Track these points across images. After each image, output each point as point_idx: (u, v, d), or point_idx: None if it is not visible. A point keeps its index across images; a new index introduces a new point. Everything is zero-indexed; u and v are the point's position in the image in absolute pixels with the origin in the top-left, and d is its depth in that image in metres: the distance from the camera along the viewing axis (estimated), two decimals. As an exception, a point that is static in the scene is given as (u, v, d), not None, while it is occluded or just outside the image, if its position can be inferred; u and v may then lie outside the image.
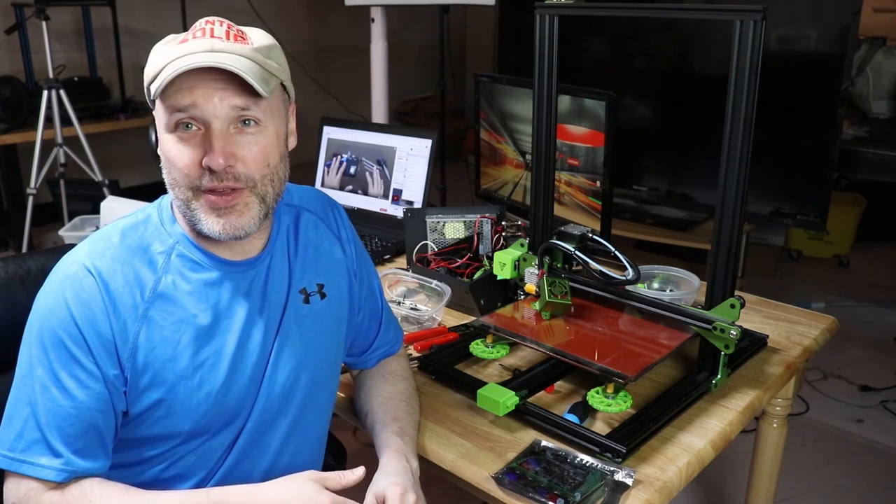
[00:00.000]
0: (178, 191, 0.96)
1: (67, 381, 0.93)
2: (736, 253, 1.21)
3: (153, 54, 0.94)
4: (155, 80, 0.92)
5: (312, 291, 1.10)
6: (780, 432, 1.59)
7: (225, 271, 1.02)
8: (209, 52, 0.91)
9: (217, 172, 0.93)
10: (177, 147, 0.93)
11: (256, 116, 0.94)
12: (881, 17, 3.96)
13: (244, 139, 0.94)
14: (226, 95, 0.92)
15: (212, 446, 1.03)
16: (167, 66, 0.91)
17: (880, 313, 3.41)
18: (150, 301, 0.97)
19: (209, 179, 0.93)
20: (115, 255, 0.97)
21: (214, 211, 0.95)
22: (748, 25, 1.11)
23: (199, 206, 0.95)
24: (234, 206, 0.95)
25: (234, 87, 0.92)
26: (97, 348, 0.94)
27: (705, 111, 2.63)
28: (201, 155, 0.92)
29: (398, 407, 1.17)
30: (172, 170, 0.95)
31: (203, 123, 0.93)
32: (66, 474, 0.93)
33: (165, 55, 0.92)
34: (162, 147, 0.96)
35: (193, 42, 0.92)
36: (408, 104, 5.94)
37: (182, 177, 0.94)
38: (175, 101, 0.91)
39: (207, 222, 0.95)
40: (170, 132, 0.93)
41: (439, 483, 1.15)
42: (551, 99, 1.39)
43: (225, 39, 0.93)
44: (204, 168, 0.93)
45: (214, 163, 0.92)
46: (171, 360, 0.97)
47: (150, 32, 4.48)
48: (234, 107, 0.92)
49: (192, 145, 0.93)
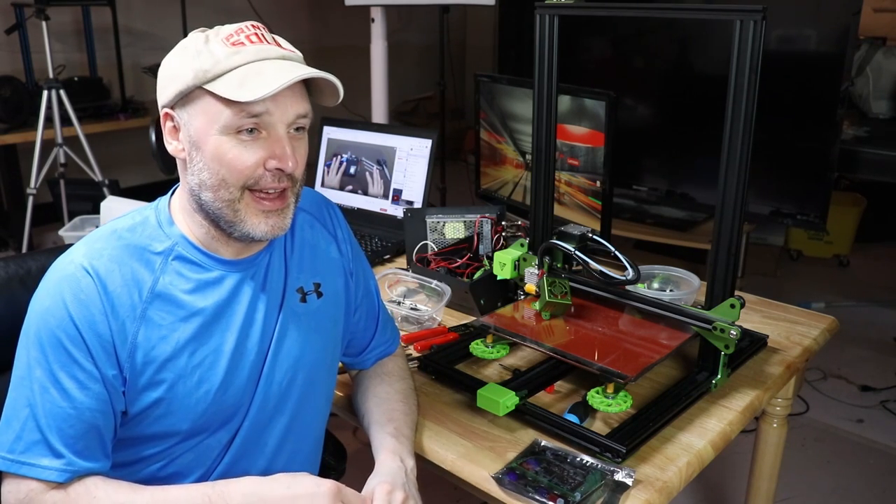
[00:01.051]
0: (223, 191, 0.96)
1: (66, 381, 0.93)
2: (736, 253, 1.21)
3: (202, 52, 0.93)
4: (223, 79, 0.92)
5: (309, 290, 1.11)
6: (780, 432, 1.59)
7: (225, 270, 1.03)
8: (281, 59, 0.95)
9: (278, 174, 0.96)
10: (237, 149, 0.94)
11: (307, 124, 1.00)
12: (881, 17, 3.96)
13: (297, 144, 0.99)
14: (294, 103, 0.96)
15: (209, 445, 1.03)
16: (243, 66, 0.92)
17: (880, 313, 3.42)
18: (149, 301, 0.97)
19: (269, 180, 0.96)
20: (113, 255, 0.97)
21: (263, 213, 0.98)
22: (748, 25, 1.11)
23: (246, 207, 0.97)
24: (282, 209, 0.99)
25: (299, 95, 0.97)
26: (96, 349, 0.94)
27: (705, 111, 2.64)
28: (263, 157, 0.95)
29: (394, 407, 1.17)
30: (224, 170, 0.95)
31: (267, 127, 0.95)
32: (69, 474, 0.93)
33: (225, 57, 0.93)
34: (210, 147, 0.94)
35: (258, 46, 0.94)
36: (408, 104, 5.94)
37: (238, 177, 0.95)
38: (250, 107, 0.92)
39: (253, 224, 0.98)
40: (229, 134, 0.94)
41: (439, 483, 1.15)
42: (551, 99, 1.39)
43: (279, 47, 0.97)
44: (266, 169, 0.96)
45: (288, 166, 0.95)
46: (170, 360, 0.97)
47: (150, 32, 4.48)
48: (299, 114, 0.97)
49: (254, 148, 0.95)
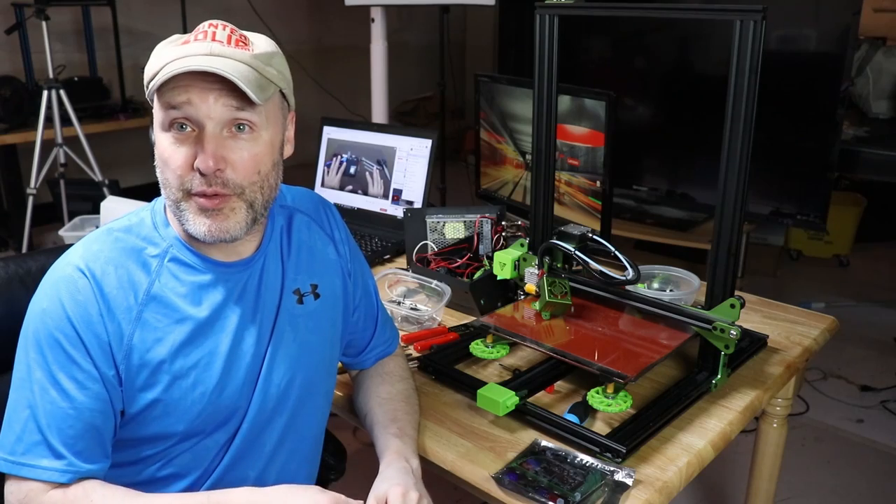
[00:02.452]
0: (168, 191, 0.96)
1: (66, 382, 0.93)
2: (736, 253, 1.21)
3: (155, 53, 0.95)
4: (154, 78, 0.92)
5: (306, 292, 1.11)
6: (780, 432, 1.59)
7: (218, 273, 1.02)
8: (207, 55, 0.91)
9: (206, 176, 0.92)
10: (171, 147, 0.94)
11: (251, 120, 0.94)
12: (881, 17, 3.96)
13: (236, 144, 0.94)
14: (221, 95, 0.91)
15: (207, 446, 1.03)
16: (166, 65, 0.91)
17: (880, 313, 3.42)
18: (144, 303, 0.97)
19: (199, 183, 0.93)
20: (109, 257, 0.97)
21: (202, 212, 0.95)
22: (748, 25, 1.11)
23: (188, 207, 0.96)
24: (221, 209, 0.95)
25: (230, 90, 0.92)
26: (94, 348, 0.94)
27: (705, 111, 2.64)
28: (193, 157, 0.93)
29: (396, 408, 1.17)
30: (165, 170, 0.95)
31: (197, 124, 0.93)
32: (70, 475, 0.93)
33: (166, 55, 0.93)
34: (157, 146, 0.96)
35: (194, 44, 0.93)
36: (408, 104, 5.94)
37: (174, 178, 0.94)
38: (170, 98, 0.91)
39: (195, 223, 0.96)
40: (165, 131, 0.94)
41: (439, 483, 1.15)
42: (551, 99, 1.39)
43: (226, 44, 0.93)
44: (194, 170, 0.93)
45: (204, 165, 0.91)
46: (166, 361, 0.98)
47: (150, 32, 4.48)
48: (229, 106, 0.92)
49: (185, 146, 0.93)
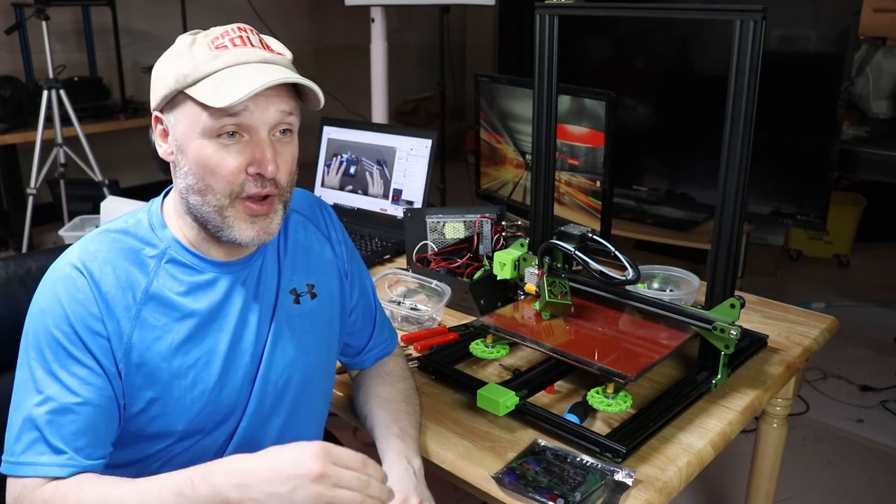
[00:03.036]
0: (210, 197, 0.94)
1: (67, 378, 0.93)
2: (736, 253, 1.21)
3: (186, 56, 0.92)
4: (202, 83, 0.90)
5: (302, 292, 1.11)
6: (780, 432, 1.59)
7: (218, 272, 1.02)
8: (263, 62, 0.93)
9: (262, 179, 0.94)
10: (219, 154, 0.92)
11: (293, 124, 0.97)
12: (881, 17, 3.96)
13: (282, 147, 0.96)
14: (276, 102, 0.93)
15: (206, 445, 1.03)
16: (222, 70, 0.90)
17: (880, 313, 3.42)
18: (143, 302, 0.97)
19: (253, 185, 0.94)
20: (107, 257, 0.97)
21: (250, 218, 0.96)
22: (748, 25, 1.11)
23: (234, 213, 0.95)
24: (269, 214, 0.97)
25: (282, 94, 0.93)
26: (94, 346, 0.94)
27: (705, 111, 2.64)
28: (246, 162, 0.93)
29: (397, 408, 1.17)
30: (209, 176, 0.93)
31: (248, 130, 0.93)
32: (70, 469, 0.92)
33: (208, 61, 0.91)
34: (193, 152, 0.93)
35: (241, 50, 0.92)
36: (408, 104, 5.94)
37: (224, 184, 0.93)
38: (227, 109, 0.90)
39: (241, 229, 0.96)
40: (210, 138, 0.92)
41: (439, 483, 1.15)
42: (551, 99, 1.39)
43: (263, 49, 0.95)
44: (248, 175, 0.93)
45: (268, 170, 0.93)
46: (165, 360, 0.98)
47: (150, 32, 4.48)
48: (282, 112, 0.93)
49: (235, 152, 0.93)
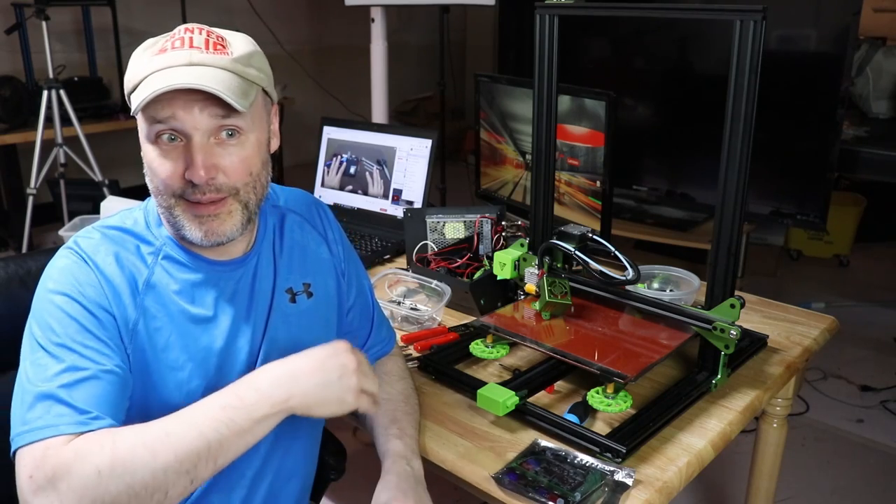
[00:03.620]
0: (160, 198, 0.96)
1: (83, 349, 0.90)
2: (736, 253, 1.21)
3: (132, 62, 0.94)
4: (134, 92, 0.92)
5: (298, 291, 1.11)
6: (780, 432, 1.59)
7: (211, 272, 1.02)
8: (187, 65, 0.91)
9: (199, 185, 0.93)
10: (158, 159, 0.93)
11: (237, 125, 0.94)
12: (881, 17, 3.96)
13: (225, 150, 0.94)
14: (206, 106, 0.91)
15: None
16: (146, 79, 0.91)
17: (880, 313, 3.42)
18: (145, 292, 0.98)
19: (192, 191, 0.93)
20: (109, 249, 0.98)
21: (197, 218, 0.95)
22: (748, 25, 1.11)
23: (182, 212, 0.96)
24: (218, 214, 0.95)
25: (215, 99, 0.91)
26: (106, 322, 0.93)
27: (705, 111, 2.63)
28: (183, 167, 0.92)
29: (396, 408, 1.17)
30: (154, 178, 0.95)
31: (184, 135, 0.92)
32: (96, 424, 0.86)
33: (144, 66, 0.92)
34: (144, 156, 0.96)
35: (172, 53, 0.92)
36: (408, 104, 5.94)
37: (164, 186, 0.94)
38: (154, 113, 0.91)
39: (190, 229, 0.96)
40: (151, 143, 0.93)
41: (439, 483, 1.15)
42: (551, 99, 1.39)
43: (204, 49, 0.92)
44: (186, 180, 0.93)
45: (196, 177, 0.91)
46: (162, 354, 0.98)
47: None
48: (215, 116, 0.92)
49: (173, 157, 0.93)
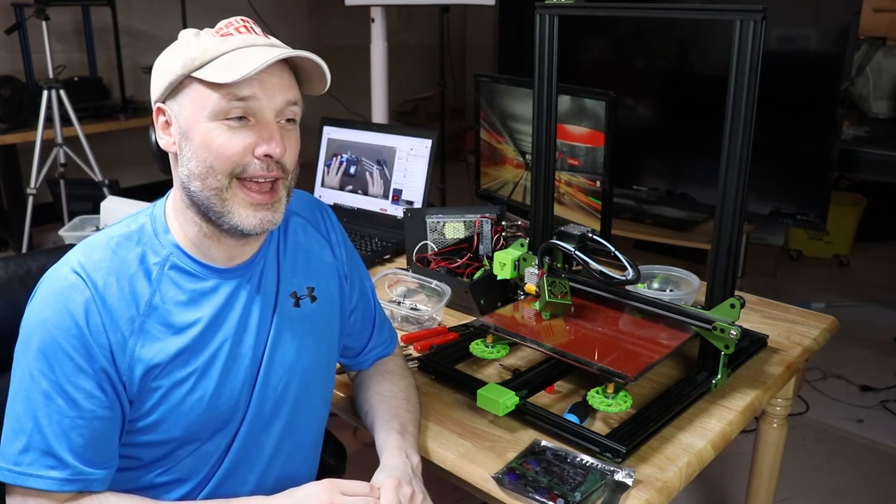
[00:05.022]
0: (211, 179, 0.94)
1: (74, 392, 0.92)
2: (736, 253, 1.21)
3: (191, 42, 0.94)
4: (211, 65, 0.92)
5: (302, 295, 1.10)
6: (780, 432, 1.59)
7: (219, 279, 1.02)
8: (268, 46, 0.95)
9: (269, 162, 0.95)
10: (226, 135, 0.93)
11: (297, 114, 0.99)
12: (881, 17, 3.96)
13: (287, 133, 0.97)
14: (283, 89, 0.95)
15: (206, 451, 1.03)
16: (230, 52, 0.92)
17: (880, 313, 3.42)
18: (146, 314, 0.96)
19: (258, 167, 0.94)
20: (110, 267, 0.96)
21: (252, 206, 0.96)
22: (748, 25, 1.11)
23: (234, 197, 0.95)
24: (272, 203, 0.97)
25: (288, 82, 0.96)
26: (100, 357, 0.93)
27: (705, 111, 2.64)
28: (252, 144, 0.94)
29: (398, 405, 1.17)
30: (211, 156, 0.93)
31: (255, 115, 0.94)
32: (78, 484, 0.92)
33: (214, 45, 0.93)
34: (198, 134, 0.93)
35: (245, 36, 0.95)
36: (408, 104, 5.94)
37: (225, 164, 0.93)
38: (237, 90, 0.92)
39: (242, 216, 0.96)
40: (217, 120, 0.93)
41: (439, 483, 1.15)
42: (551, 99, 1.39)
43: (267, 38, 0.97)
44: (255, 157, 0.94)
45: (276, 151, 0.94)
46: (166, 369, 0.97)
47: (150, 32, 4.48)
48: (288, 101, 0.96)
49: (242, 134, 0.93)
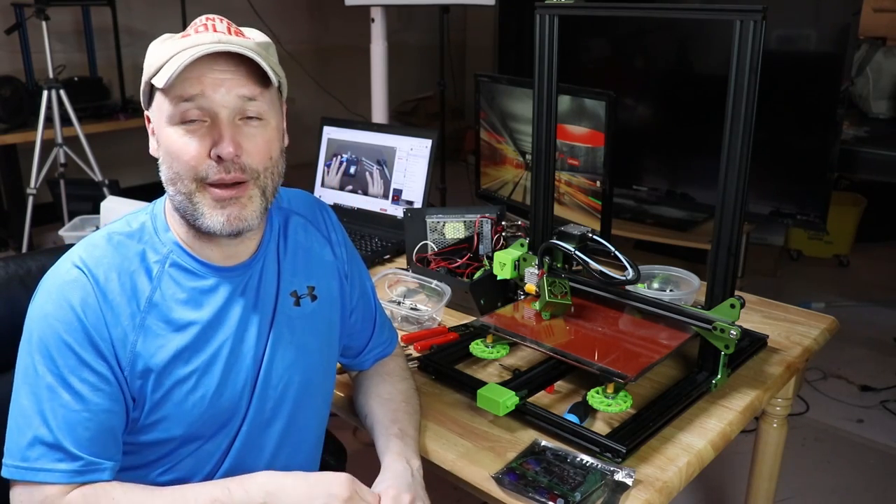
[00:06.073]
0: (180, 185, 0.94)
1: (78, 385, 0.92)
2: (736, 253, 1.21)
3: (153, 50, 0.95)
4: (160, 71, 0.92)
5: (303, 294, 1.10)
6: (780, 432, 1.59)
7: (219, 277, 1.02)
8: (216, 42, 0.92)
9: (225, 163, 0.93)
10: (183, 139, 0.93)
11: (260, 109, 0.96)
12: (881, 17, 3.96)
13: (249, 131, 0.95)
14: (234, 85, 0.92)
15: (208, 450, 1.03)
16: (174, 56, 0.91)
17: (880, 313, 3.42)
18: (147, 310, 0.97)
19: (216, 171, 0.93)
20: (112, 263, 0.96)
21: (218, 204, 0.95)
22: (748, 25, 1.11)
23: (202, 199, 0.95)
24: (239, 198, 0.95)
25: (241, 77, 0.93)
26: (104, 350, 0.93)
27: (705, 111, 2.64)
28: (208, 146, 0.93)
29: (397, 408, 1.17)
30: (175, 163, 0.94)
31: (209, 115, 0.93)
32: (88, 475, 0.92)
33: (169, 49, 0.93)
34: (163, 141, 0.95)
35: (197, 35, 0.93)
36: (408, 104, 5.93)
37: (187, 169, 0.93)
38: (182, 91, 0.91)
39: (211, 216, 0.95)
40: (174, 125, 0.93)
41: (439, 483, 1.15)
42: (551, 99, 1.39)
43: (227, 34, 0.95)
44: (211, 159, 0.93)
45: (225, 151, 0.92)
46: (167, 367, 0.97)
47: (150, 32, 4.43)
48: (241, 97, 0.93)
49: (198, 137, 0.93)
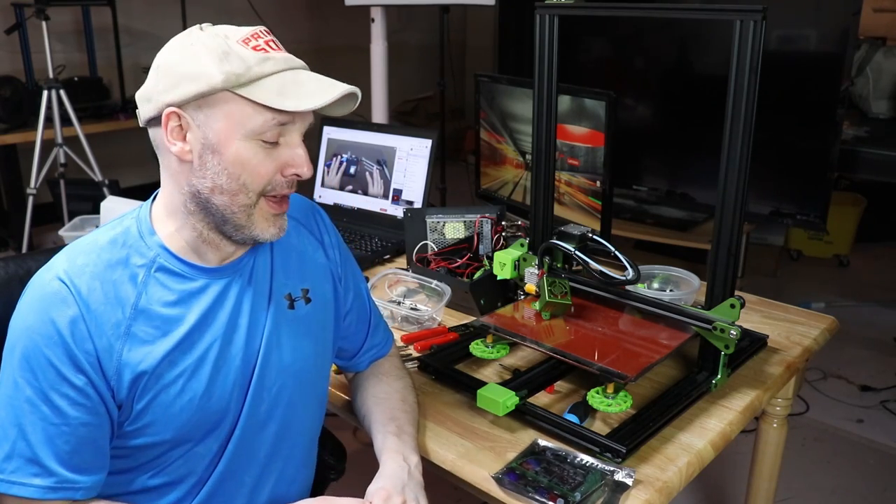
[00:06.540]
0: (242, 197, 0.96)
1: (58, 400, 0.92)
2: (736, 253, 1.21)
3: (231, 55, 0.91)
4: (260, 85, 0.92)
5: (297, 297, 1.10)
6: (780, 432, 1.59)
7: (208, 278, 1.01)
8: (305, 69, 0.97)
9: (294, 180, 0.99)
10: (259, 155, 0.95)
11: None
12: (881, 17, 3.96)
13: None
14: (311, 115, 0.98)
15: (199, 453, 1.02)
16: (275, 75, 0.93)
17: (880, 313, 3.42)
18: (133, 317, 0.96)
19: (284, 186, 0.99)
20: (95, 272, 0.95)
21: (274, 217, 1.00)
22: (748, 25, 1.11)
23: (259, 212, 0.98)
24: (286, 212, 1.02)
25: None
26: (84, 364, 0.92)
27: (705, 111, 2.64)
28: (282, 164, 0.97)
29: (394, 406, 1.17)
30: (245, 175, 0.95)
31: (285, 135, 0.97)
32: (62, 493, 0.92)
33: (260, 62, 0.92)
34: (230, 151, 0.93)
35: (279, 54, 0.95)
36: (408, 104, 5.93)
37: (260, 183, 0.96)
38: (283, 115, 0.94)
39: (263, 228, 0.99)
40: (252, 140, 0.94)
41: (439, 483, 1.15)
42: (551, 99, 1.39)
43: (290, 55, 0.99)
44: (284, 176, 0.98)
45: (305, 173, 0.98)
46: (154, 372, 0.96)
47: (150, 32, 4.48)
48: (311, 120, 1.00)
49: (274, 154, 0.96)
